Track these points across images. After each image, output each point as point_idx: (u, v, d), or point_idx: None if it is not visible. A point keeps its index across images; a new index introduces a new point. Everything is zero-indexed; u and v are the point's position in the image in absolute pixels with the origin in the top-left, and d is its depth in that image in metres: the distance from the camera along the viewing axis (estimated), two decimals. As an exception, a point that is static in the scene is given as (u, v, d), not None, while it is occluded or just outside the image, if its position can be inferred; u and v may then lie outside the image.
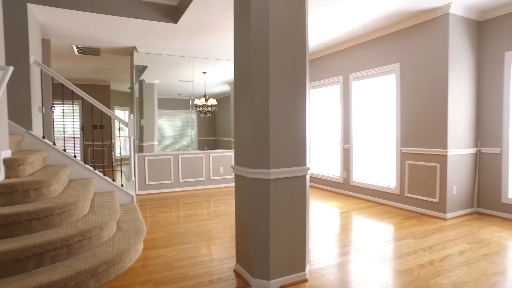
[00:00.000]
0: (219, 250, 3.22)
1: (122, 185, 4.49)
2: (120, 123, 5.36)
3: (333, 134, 6.26)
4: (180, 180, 6.39)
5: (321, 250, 3.22)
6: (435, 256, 3.02)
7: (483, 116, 4.49)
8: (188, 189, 6.46)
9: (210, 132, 7.00)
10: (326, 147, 6.48)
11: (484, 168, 4.50)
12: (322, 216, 4.48)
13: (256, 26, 2.27)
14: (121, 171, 8.81)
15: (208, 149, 6.79)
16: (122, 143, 10.91)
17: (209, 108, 6.70)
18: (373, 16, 4.49)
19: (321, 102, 6.60)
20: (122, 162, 9.93)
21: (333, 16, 4.50)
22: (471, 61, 4.43)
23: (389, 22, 4.73)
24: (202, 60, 6.62)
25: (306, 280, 2.53)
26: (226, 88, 7.02)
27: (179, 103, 6.61)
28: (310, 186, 6.80)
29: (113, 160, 9.10)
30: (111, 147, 4.79)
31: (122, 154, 10.86)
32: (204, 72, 6.71)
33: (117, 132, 10.85)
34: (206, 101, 6.64)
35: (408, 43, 4.68)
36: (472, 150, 4.48)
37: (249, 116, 2.32)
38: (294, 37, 2.38)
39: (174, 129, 6.61)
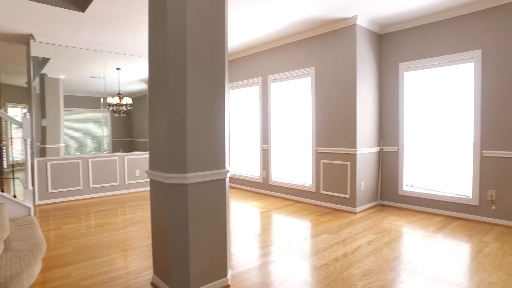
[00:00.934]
0: (135, 262, 2.97)
1: (15, 196, 3.86)
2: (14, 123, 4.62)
3: (253, 134, 6.36)
4: (91, 185, 5.80)
5: (243, 252, 3.20)
6: (347, 248, 3.25)
7: (384, 118, 5.02)
8: (100, 196, 5.90)
9: (126, 133, 6.50)
10: (246, 147, 6.55)
11: (385, 165, 5.04)
12: (243, 217, 4.50)
13: (172, 22, 2.13)
14: (13, 178, 7.63)
15: (124, 151, 6.30)
16: (19, 145, 9.50)
17: (124, 107, 6.22)
18: (289, 21, 4.67)
19: (240, 103, 6.66)
20: (19, 168, 8.63)
21: (252, 18, 4.56)
22: (375, 69, 4.92)
23: (305, 28, 4.98)
24: (116, 56, 6.11)
25: (228, 286, 2.48)
26: (142, 86, 6.60)
27: (90, 101, 5.99)
28: (231, 187, 6.80)
29: (3, 166, 7.84)
30: (1, 151, 4.09)
31: (20, 158, 9.45)
32: (118, 69, 6.20)
33: (12, 133, 9.40)
34: (121, 99, 6.15)
35: (322, 49, 4.98)
36: (376, 149, 4.97)
37: (165, 117, 2.17)
38: (213, 36, 2.30)
39: (85, 130, 5.96)
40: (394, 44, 4.85)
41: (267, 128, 5.99)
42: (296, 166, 5.53)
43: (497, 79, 3.97)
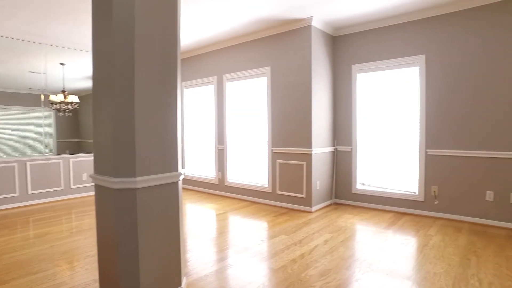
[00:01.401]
0: (80, 275, 2.72)
1: None
2: None
3: (208, 135, 6.22)
4: (29, 191, 5.28)
5: (199, 258, 3.08)
6: (305, 249, 3.26)
7: (338, 119, 5.16)
8: (40, 202, 5.40)
9: (73, 134, 6.03)
10: (201, 148, 6.39)
11: (340, 164, 5.17)
12: (198, 220, 4.36)
13: (119, 13, 1.96)
14: None
15: (71, 152, 5.83)
16: None
17: (69, 106, 5.77)
18: (246, 20, 4.62)
19: (195, 102, 6.48)
20: None
21: (206, 15, 4.43)
22: (329, 70, 5.03)
23: (261, 27, 4.95)
24: (59, 49, 5.64)
25: (182, 295, 2.35)
26: (91, 83, 6.17)
27: (30, 98, 5.46)
28: (186, 188, 6.60)
29: None
30: None
31: None
32: (62, 64, 5.72)
33: None
34: (65, 97, 5.69)
35: (278, 49, 4.99)
36: (330, 149, 5.09)
37: (110, 116, 1.99)
38: (165, 31, 2.16)
39: (24, 130, 5.41)
40: (347, 46, 5.00)
41: (222, 128, 5.89)
42: (252, 167, 5.49)
43: (439, 82, 4.24)
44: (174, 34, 2.24)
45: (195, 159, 6.58)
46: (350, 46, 4.97)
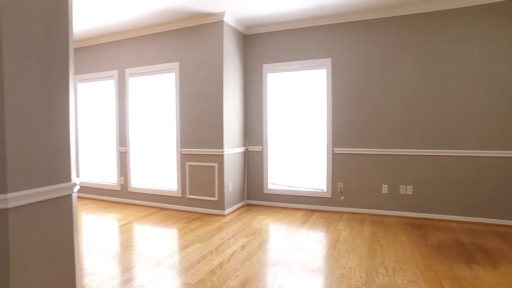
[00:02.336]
0: None
1: None
2: None
3: (108, 135, 5.49)
4: None
5: (99, 282, 2.57)
6: (222, 257, 3.03)
7: (250, 118, 5.09)
8: None
9: None
10: (99, 150, 5.61)
11: (251, 165, 5.11)
12: (97, 234, 3.74)
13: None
14: None
15: None
16: None
17: None
18: (150, 9, 4.16)
19: (92, 99, 5.66)
20: None
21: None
22: (240, 68, 4.92)
23: (169, 19, 4.54)
24: None
25: (78, 335, 1.88)
26: None
27: None
28: (81, 197, 5.70)
29: None
30: None
31: None
32: None
33: None
34: None
35: (187, 43, 4.65)
36: (242, 149, 4.98)
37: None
38: (51, 11, 1.67)
39: None
40: (259, 45, 4.97)
41: (124, 128, 5.25)
42: (159, 170, 5.02)
43: (343, 85, 4.52)
44: (65, 15, 1.76)
45: (92, 164, 5.73)
46: (261, 45, 4.95)
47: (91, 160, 5.72)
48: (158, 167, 5.03)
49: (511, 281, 2.54)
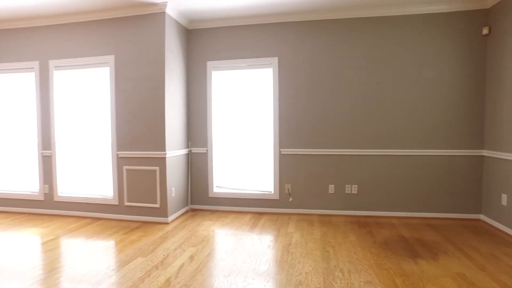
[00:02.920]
0: None
1: None
2: None
3: (27, 137, 4.74)
4: None
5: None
6: (169, 272, 2.74)
7: (193, 118, 4.80)
8: None
9: None
10: (14, 154, 4.81)
11: (195, 167, 4.82)
12: (13, 256, 3.14)
13: None
14: None
15: None
16: None
17: None
18: (80, -7, 3.66)
19: (4, 94, 4.83)
20: None
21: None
22: (183, 65, 4.61)
23: (103, 6, 4.04)
24: None
25: None
26: None
27: None
28: (-8, 210, 4.84)
29: None
30: None
31: None
32: None
33: None
34: None
35: (124, 35, 4.20)
36: (185, 151, 4.67)
37: None
38: None
39: None
40: (203, 41, 4.70)
41: (49, 129, 4.57)
42: (92, 175, 4.47)
43: (290, 85, 4.48)
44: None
45: (4, 170, 4.89)
46: (206, 41, 4.69)
47: (2, 166, 4.88)
48: (91, 172, 4.47)
49: (451, 272, 2.69)
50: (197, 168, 4.81)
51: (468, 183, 4.17)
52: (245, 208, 4.68)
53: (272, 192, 4.60)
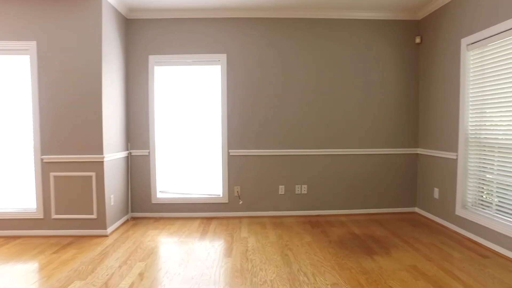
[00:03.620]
0: None
1: None
2: None
3: None
4: None
5: None
6: (120, 295, 2.37)
7: (133, 117, 4.34)
8: None
9: None
10: None
11: (135, 171, 4.37)
12: None
13: None
14: None
15: None
16: None
17: None
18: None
19: None
20: None
21: None
22: (121, 58, 4.13)
23: (17, -17, 3.39)
24: None
25: None
26: None
27: None
28: None
29: None
30: None
31: None
32: None
33: None
34: None
35: (51, 19, 3.57)
36: (124, 154, 4.20)
37: None
38: None
39: None
40: (144, 33, 4.27)
41: None
42: (7, 186, 3.74)
43: (239, 83, 4.32)
44: None
45: None
46: (148, 33, 4.27)
47: None
48: (5, 182, 3.73)
49: (405, 265, 2.82)
50: (138, 172, 4.36)
51: (405, 179, 4.49)
52: (193, 214, 4.38)
53: (221, 195, 4.39)
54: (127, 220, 4.24)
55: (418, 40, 4.34)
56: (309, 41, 4.33)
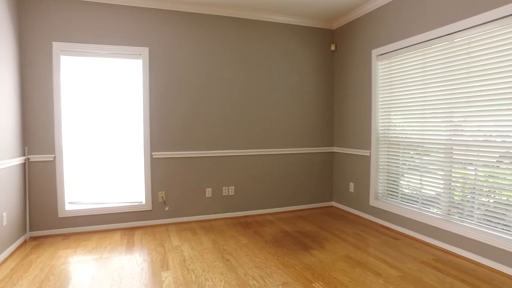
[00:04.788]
0: None
1: None
2: None
3: None
4: None
5: None
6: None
7: (30, 116, 3.59)
8: None
9: None
10: None
11: (36, 181, 3.62)
12: None
13: None
14: None
15: None
16: None
17: None
18: None
19: None
20: None
21: None
22: (13, 41, 3.36)
23: None
24: None
25: None
26: None
27: None
28: None
29: None
30: None
31: None
32: None
33: None
34: None
35: None
36: (19, 160, 3.43)
37: None
38: None
39: None
40: (47, 15, 3.55)
41: None
42: None
43: (163, 81, 4.00)
44: None
45: None
46: (52, 16, 3.57)
47: None
48: None
49: (340, 256, 3.03)
50: (39, 182, 3.62)
51: (323, 176, 4.85)
52: (112, 225, 3.87)
53: (144, 202, 4.00)
54: (24, 242, 3.48)
55: (333, 47, 4.74)
56: (234, 41, 4.29)
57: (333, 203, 4.92)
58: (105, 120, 3.83)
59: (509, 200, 2.68)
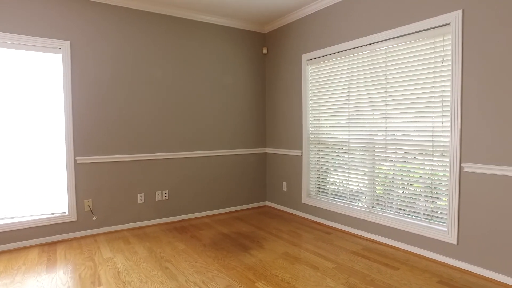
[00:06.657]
0: None
1: None
2: None
3: None
4: None
5: None
6: None
7: None
8: None
9: None
10: None
11: None
12: None
13: None
14: None
15: None
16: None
17: None
18: None
19: None
20: None
21: None
22: None
23: None
24: None
25: None
26: None
27: None
28: None
29: None
30: None
31: None
32: None
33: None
34: None
35: None
36: None
37: None
38: None
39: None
40: None
41: None
42: None
43: (87, 78, 3.65)
44: None
45: None
46: None
47: None
48: None
49: (279, 254, 3.13)
50: None
51: (257, 176, 4.95)
52: (26, 242, 3.39)
53: (67, 213, 3.60)
54: None
55: (264, 51, 4.87)
56: (167, 40, 4.12)
57: (267, 203, 5.06)
58: (17, 121, 3.35)
59: (417, 191, 3.08)
